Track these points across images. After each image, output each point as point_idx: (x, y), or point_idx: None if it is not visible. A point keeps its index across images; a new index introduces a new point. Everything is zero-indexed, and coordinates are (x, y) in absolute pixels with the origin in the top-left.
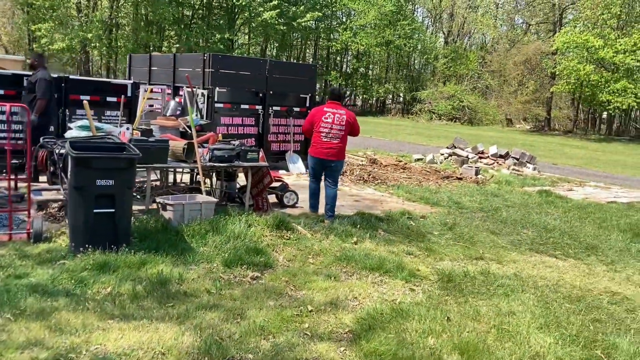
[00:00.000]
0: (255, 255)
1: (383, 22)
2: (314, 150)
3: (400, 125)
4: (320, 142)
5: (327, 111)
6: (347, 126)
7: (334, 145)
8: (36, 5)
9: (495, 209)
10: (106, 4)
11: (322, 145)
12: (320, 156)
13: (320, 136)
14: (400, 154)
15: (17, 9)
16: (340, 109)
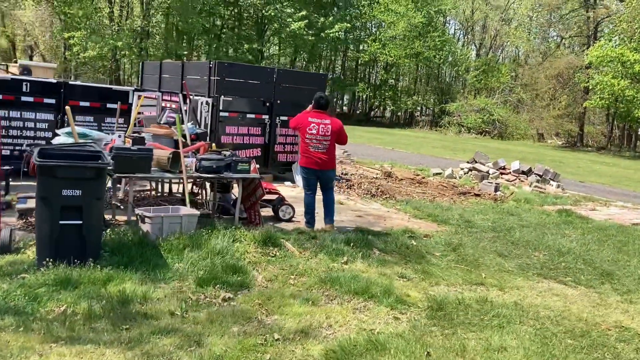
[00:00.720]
0: (232, 274)
1: (413, 34)
2: (305, 161)
3: (426, 138)
4: (309, 152)
5: (312, 122)
6: (332, 136)
7: (322, 155)
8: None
9: (508, 229)
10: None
11: (311, 154)
12: (311, 166)
13: (308, 146)
14: (419, 167)
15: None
16: (326, 118)
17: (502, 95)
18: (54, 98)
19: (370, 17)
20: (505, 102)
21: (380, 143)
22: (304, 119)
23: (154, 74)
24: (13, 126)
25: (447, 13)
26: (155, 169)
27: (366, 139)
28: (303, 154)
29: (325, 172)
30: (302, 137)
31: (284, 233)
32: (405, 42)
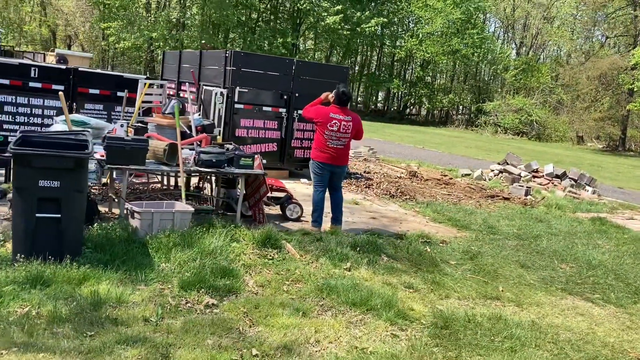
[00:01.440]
0: (221, 277)
1: (451, 31)
2: (321, 155)
3: (460, 137)
4: (326, 147)
5: (334, 118)
6: (352, 132)
7: (340, 150)
8: (108, 4)
9: (534, 237)
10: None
11: (328, 149)
12: (328, 161)
13: (326, 142)
14: (447, 167)
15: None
16: (348, 114)
17: (542, 96)
18: (63, 85)
19: (408, 12)
20: (545, 102)
21: (411, 141)
22: (325, 114)
23: (173, 63)
24: (20, 112)
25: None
26: (152, 161)
27: (397, 136)
28: (319, 148)
29: (341, 168)
30: (321, 131)
31: (287, 233)
32: (442, 38)
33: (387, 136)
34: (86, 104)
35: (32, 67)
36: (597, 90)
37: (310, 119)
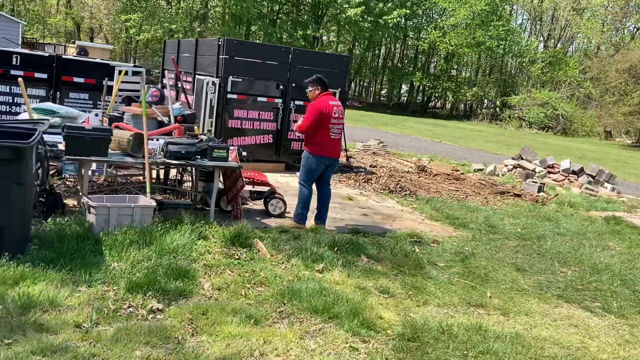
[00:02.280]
0: (175, 278)
1: (475, 22)
2: (324, 150)
3: (483, 131)
4: (329, 140)
5: (332, 105)
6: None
7: (338, 141)
8: None
9: (538, 237)
10: None
11: (331, 143)
12: (331, 155)
13: (329, 134)
14: (460, 162)
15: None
16: (336, 99)
17: (569, 90)
18: (46, 73)
19: (432, 3)
20: (572, 96)
21: (428, 135)
22: (326, 104)
23: (173, 53)
24: (1, 101)
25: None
26: (116, 152)
27: (415, 130)
28: (321, 142)
29: (337, 160)
30: (325, 125)
31: (263, 230)
32: (466, 30)
33: (406, 129)
34: (71, 93)
35: (14, 55)
36: (626, 84)
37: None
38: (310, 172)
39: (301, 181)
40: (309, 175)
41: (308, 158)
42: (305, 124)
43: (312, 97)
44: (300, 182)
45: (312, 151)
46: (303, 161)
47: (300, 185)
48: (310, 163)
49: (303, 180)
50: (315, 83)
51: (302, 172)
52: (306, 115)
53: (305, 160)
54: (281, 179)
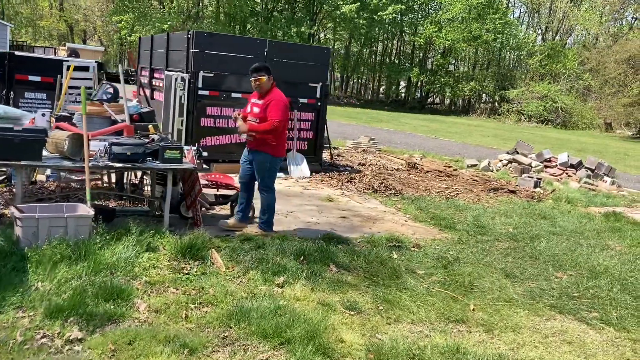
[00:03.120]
0: (106, 300)
1: (471, 16)
2: (283, 149)
3: (481, 126)
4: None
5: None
6: None
7: None
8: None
9: (531, 238)
10: None
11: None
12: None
13: (287, 132)
14: (454, 158)
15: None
16: None
17: (568, 82)
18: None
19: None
20: (571, 89)
21: (424, 131)
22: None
23: (147, 49)
24: None
25: None
26: (54, 155)
27: (411, 126)
28: (282, 143)
29: None
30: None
31: (224, 239)
32: (463, 24)
33: (401, 126)
34: (26, 92)
35: None
36: (625, 75)
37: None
38: (272, 174)
39: (265, 187)
40: (272, 178)
41: (272, 161)
42: (278, 121)
43: (265, 88)
44: (262, 189)
45: (275, 153)
46: (264, 166)
47: (264, 191)
48: (274, 166)
49: (267, 186)
50: (267, 71)
51: (265, 176)
52: (275, 112)
53: (270, 163)
54: None
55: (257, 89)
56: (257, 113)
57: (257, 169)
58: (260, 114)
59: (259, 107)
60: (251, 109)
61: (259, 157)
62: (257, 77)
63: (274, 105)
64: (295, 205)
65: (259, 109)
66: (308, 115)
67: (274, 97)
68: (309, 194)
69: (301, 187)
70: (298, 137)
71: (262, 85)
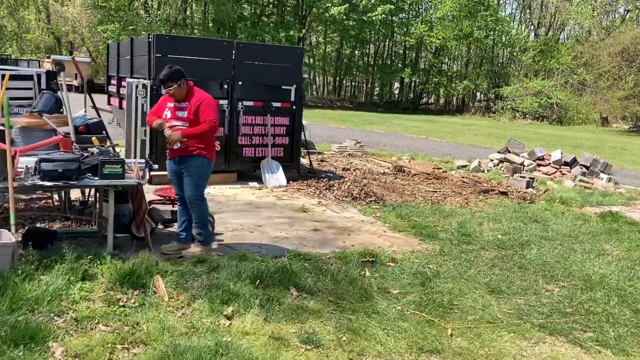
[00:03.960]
0: (16, 345)
1: (462, 14)
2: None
3: (474, 125)
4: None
5: None
6: None
7: None
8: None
9: (521, 245)
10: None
11: None
12: None
13: None
14: (444, 159)
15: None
16: None
17: (562, 77)
18: None
19: None
20: (566, 84)
21: (415, 132)
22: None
23: (114, 57)
24: None
25: None
26: None
27: (403, 127)
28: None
29: None
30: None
31: (173, 262)
32: (453, 22)
33: (392, 127)
34: None
35: None
36: (620, 67)
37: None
38: (205, 180)
39: (198, 196)
40: (205, 184)
41: (208, 166)
42: (215, 121)
43: (182, 93)
44: (197, 198)
45: (210, 156)
46: (200, 171)
47: (198, 201)
48: (209, 171)
49: (201, 195)
50: (181, 75)
51: (199, 184)
52: (209, 112)
53: (205, 168)
54: (229, 192)
55: (171, 96)
56: (184, 117)
57: (193, 175)
58: (189, 117)
59: (185, 110)
60: (173, 114)
61: (195, 162)
62: (169, 89)
63: (207, 105)
64: (265, 218)
65: (185, 112)
66: (283, 120)
67: (202, 96)
68: (282, 205)
69: (275, 197)
70: (273, 144)
71: (179, 93)
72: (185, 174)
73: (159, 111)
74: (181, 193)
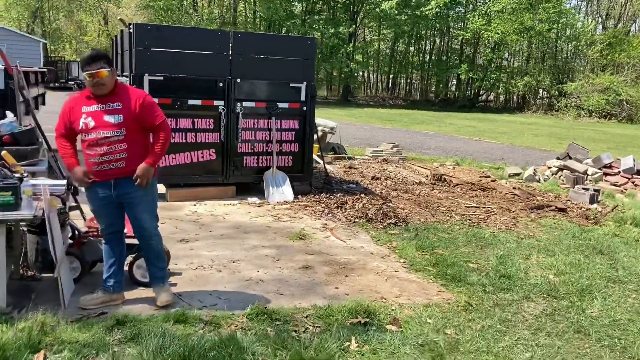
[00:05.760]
0: None
1: (521, 6)
2: None
3: (535, 124)
4: None
5: None
6: None
7: None
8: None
9: (580, 291)
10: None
11: None
12: None
13: None
14: (495, 165)
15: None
16: None
17: (633, 72)
18: None
19: None
20: (637, 79)
21: (468, 133)
22: None
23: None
24: None
25: None
26: None
27: (455, 127)
28: None
29: None
30: None
31: (83, 324)
32: (513, 15)
33: (444, 127)
34: None
35: None
36: None
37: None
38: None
39: (155, 226)
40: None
41: (156, 183)
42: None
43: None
44: (153, 231)
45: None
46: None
47: (155, 234)
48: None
49: (156, 224)
50: (109, 61)
51: (154, 208)
52: (158, 110)
53: (156, 187)
54: (221, 209)
55: (96, 87)
56: (119, 122)
57: (145, 200)
58: (127, 123)
59: (119, 112)
60: (99, 120)
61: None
62: (96, 71)
63: (152, 103)
64: (248, 248)
65: (120, 116)
66: (291, 123)
67: (138, 92)
68: (277, 229)
69: (272, 218)
70: (279, 151)
71: (106, 82)
72: (132, 202)
73: (73, 124)
74: (114, 227)
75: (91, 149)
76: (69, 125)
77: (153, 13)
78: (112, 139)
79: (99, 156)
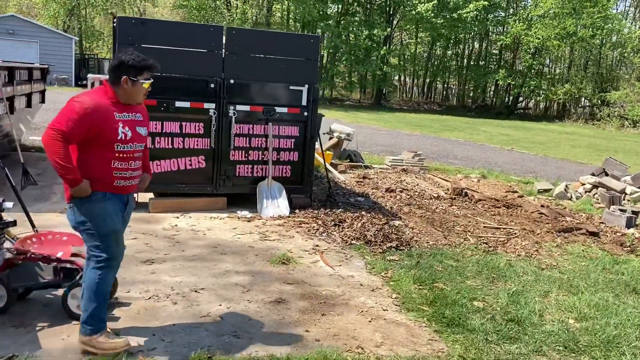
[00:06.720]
0: None
1: (564, 11)
2: None
3: (574, 134)
4: None
5: None
6: None
7: None
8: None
9: (606, 344)
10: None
11: None
12: None
13: None
14: (524, 178)
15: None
16: None
17: None
18: None
19: None
20: None
21: (500, 141)
22: None
23: None
24: None
25: None
26: None
27: (488, 135)
28: None
29: None
30: None
31: None
32: (555, 20)
33: (476, 135)
34: None
35: None
36: None
37: None
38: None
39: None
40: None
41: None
42: None
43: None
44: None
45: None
46: None
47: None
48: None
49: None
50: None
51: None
52: None
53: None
54: (204, 224)
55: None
56: (144, 136)
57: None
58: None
59: (141, 124)
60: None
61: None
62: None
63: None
64: (219, 273)
65: (143, 128)
66: (290, 129)
67: None
68: (259, 249)
69: (259, 236)
70: (276, 160)
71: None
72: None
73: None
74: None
75: (124, 162)
76: (92, 131)
77: (187, 12)
78: (141, 153)
79: (132, 170)
